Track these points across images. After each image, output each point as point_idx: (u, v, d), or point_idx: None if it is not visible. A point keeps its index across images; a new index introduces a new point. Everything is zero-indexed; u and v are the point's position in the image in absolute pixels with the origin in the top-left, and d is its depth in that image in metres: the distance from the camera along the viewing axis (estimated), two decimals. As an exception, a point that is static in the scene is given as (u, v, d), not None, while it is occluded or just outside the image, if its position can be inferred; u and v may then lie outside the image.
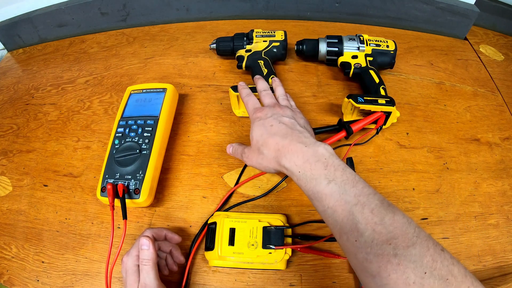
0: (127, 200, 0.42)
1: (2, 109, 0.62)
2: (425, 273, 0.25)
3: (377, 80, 0.53)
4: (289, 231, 0.42)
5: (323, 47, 0.59)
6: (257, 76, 0.48)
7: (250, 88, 0.47)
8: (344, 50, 0.57)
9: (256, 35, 0.60)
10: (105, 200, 0.42)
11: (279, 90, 0.46)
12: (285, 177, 0.48)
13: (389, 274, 0.26)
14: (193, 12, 0.73)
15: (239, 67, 0.59)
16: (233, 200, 0.47)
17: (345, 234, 0.30)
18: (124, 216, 0.40)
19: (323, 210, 0.32)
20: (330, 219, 0.31)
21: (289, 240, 0.41)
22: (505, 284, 0.40)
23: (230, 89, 0.51)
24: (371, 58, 0.56)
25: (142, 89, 0.53)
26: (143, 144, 0.46)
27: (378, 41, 0.58)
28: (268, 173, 0.42)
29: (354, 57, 0.57)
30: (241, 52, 0.59)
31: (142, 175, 0.43)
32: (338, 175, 0.32)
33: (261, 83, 0.46)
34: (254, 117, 0.41)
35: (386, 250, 0.26)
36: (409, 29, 0.73)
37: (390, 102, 0.48)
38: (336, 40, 0.59)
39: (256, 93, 0.46)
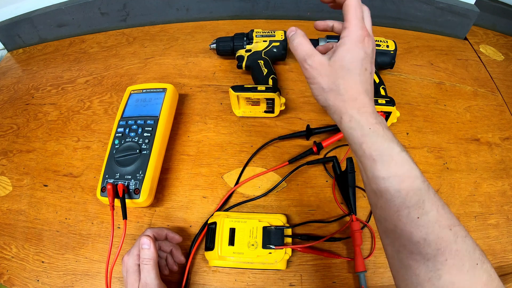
0: (127, 200, 0.42)
1: (2, 109, 0.62)
2: (477, 264, 0.25)
3: (377, 80, 0.53)
4: (289, 231, 0.42)
5: (323, 47, 0.59)
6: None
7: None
8: (344, 50, 0.57)
9: (256, 35, 0.59)
10: (105, 200, 0.42)
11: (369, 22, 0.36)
12: (285, 177, 0.48)
13: (447, 259, 0.25)
14: (193, 12, 0.73)
15: (239, 67, 0.59)
16: (233, 200, 0.47)
17: (407, 209, 0.27)
18: (124, 216, 0.40)
19: (386, 176, 0.28)
20: (392, 188, 0.28)
21: (289, 240, 0.41)
22: (505, 284, 0.40)
23: (230, 89, 0.51)
24: (371, 58, 0.56)
25: (142, 89, 0.53)
26: (143, 144, 0.46)
27: (378, 41, 0.58)
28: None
29: (354, 57, 0.57)
30: (241, 52, 0.59)
31: (142, 175, 0.43)
32: (405, 150, 0.30)
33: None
34: (359, 33, 0.32)
35: (447, 235, 0.26)
36: (409, 29, 0.73)
37: (390, 102, 0.48)
38: (336, 40, 0.58)
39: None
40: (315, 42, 0.60)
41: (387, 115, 0.49)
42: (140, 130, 0.47)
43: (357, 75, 0.31)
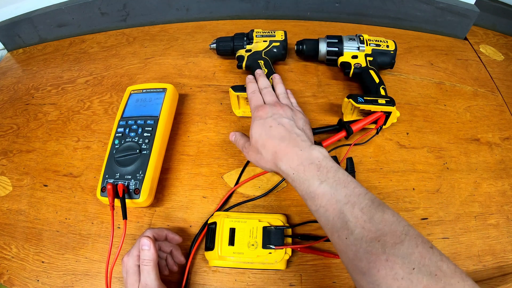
0: (127, 200, 0.42)
1: (2, 109, 0.62)
2: (414, 269, 0.25)
3: (377, 80, 0.53)
4: (289, 231, 0.42)
5: (323, 47, 0.59)
6: (258, 72, 0.49)
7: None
8: (344, 50, 0.57)
9: (256, 35, 0.59)
10: (105, 200, 0.42)
11: (280, 88, 0.46)
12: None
13: (378, 270, 0.26)
14: (193, 12, 0.73)
15: (239, 67, 0.59)
16: (233, 200, 0.47)
17: (336, 232, 0.31)
18: (124, 216, 0.40)
19: (316, 209, 0.33)
20: (322, 218, 0.32)
21: (289, 240, 0.41)
22: (505, 284, 0.40)
23: (230, 89, 0.51)
24: (371, 58, 0.56)
25: (142, 89, 0.53)
26: (143, 144, 0.46)
27: (378, 41, 0.58)
28: (265, 171, 0.43)
29: (354, 57, 0.57)
30: (241, 52, 0.59)
31: (142, 175, 0.43)
32: (330, 176, 0.33)
33: (262, 80, 0.47)
34: (255, 115, 0.41)
35: (375, 247, 0.27)
36: (409, 29, 0.73)
37: (390, 102, 0.48)
38: (336, 40, 0.59)
39: None
40: (315, 42, 0.60)
41: (387, 115, 0.49)
42: (140, 130, 0.47)
43: (266, 136, 0.38)
